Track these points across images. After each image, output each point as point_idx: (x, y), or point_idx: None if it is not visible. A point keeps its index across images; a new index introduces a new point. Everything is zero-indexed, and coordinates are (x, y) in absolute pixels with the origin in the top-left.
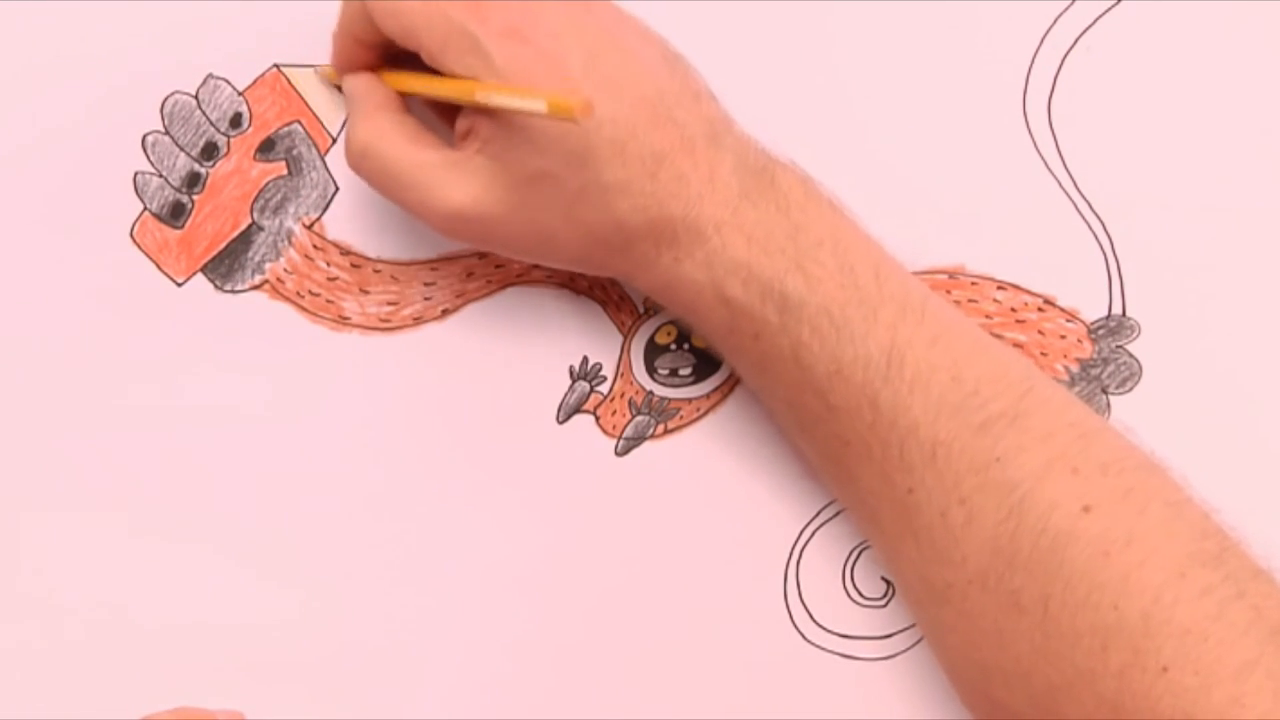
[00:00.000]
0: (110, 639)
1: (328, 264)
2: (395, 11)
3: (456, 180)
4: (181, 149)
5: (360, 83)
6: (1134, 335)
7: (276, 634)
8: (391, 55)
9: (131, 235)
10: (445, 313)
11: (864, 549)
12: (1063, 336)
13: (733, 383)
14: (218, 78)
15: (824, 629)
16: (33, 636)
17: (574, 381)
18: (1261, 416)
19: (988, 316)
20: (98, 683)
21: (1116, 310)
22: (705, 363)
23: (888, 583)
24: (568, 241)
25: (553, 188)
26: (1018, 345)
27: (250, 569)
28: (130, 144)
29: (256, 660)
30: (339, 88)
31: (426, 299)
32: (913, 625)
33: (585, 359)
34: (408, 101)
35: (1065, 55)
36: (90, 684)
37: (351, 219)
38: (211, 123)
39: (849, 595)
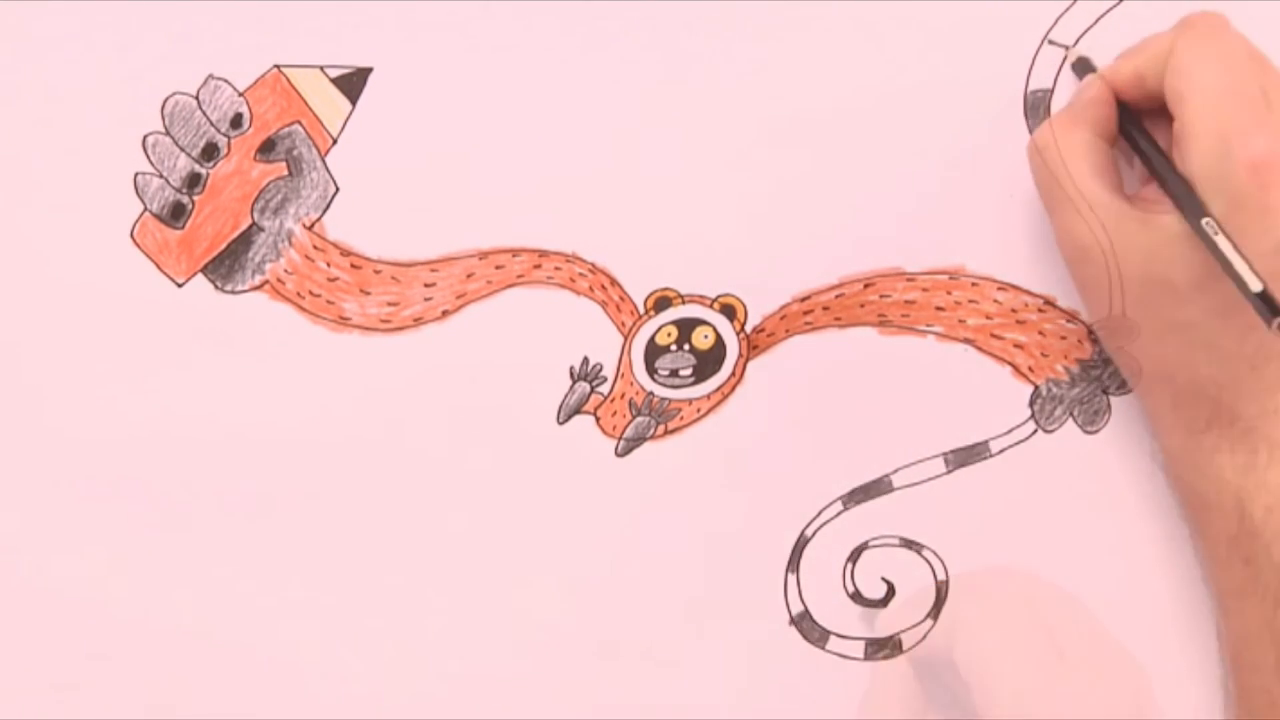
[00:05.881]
0: (110, 639)
1: (328, 265)
2: (1185, 73)
3: (1105, 227)
4: (182, 149)
5: (1094, 89)
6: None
7: (277, 634)
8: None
9: (132, 236)
10: (445, 313)
11: (864, 549)
12: (1063, 337)
13: (733, 383)
14: (218, 78)
15: (824, 629)
16: (33, 636)
17: (574, 382)
18: None
19: (988, 317)
20: (98, 683)
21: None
22: (705, 364)
23: (888, 583)
24: (1159, 350)
25: (1176, 311)
26: (1018, 346)
27: (251, 569)
28: (130, 144)
29: (256, 660)
30: (342, 91)
31: (427, 300)
32: (913, 626)
33: (585, 359)
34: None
35: (1066, 55)
36: (90, 684)
37: (352, 220)
38: (212, 123)
39: (849, 595)
